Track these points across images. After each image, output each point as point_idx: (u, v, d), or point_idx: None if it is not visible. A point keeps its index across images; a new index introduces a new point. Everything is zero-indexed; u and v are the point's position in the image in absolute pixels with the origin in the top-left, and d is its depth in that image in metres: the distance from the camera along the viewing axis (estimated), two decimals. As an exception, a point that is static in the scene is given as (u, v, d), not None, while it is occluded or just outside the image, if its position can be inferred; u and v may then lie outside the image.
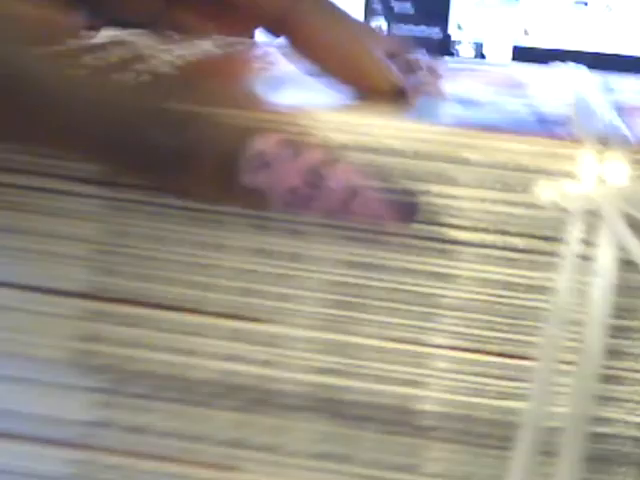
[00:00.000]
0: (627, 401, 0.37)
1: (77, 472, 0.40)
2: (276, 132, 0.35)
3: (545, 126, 0.39)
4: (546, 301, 0.37)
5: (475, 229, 0.37)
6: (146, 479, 0.39)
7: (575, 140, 0.36)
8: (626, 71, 0.54)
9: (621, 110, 0.41)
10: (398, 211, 0.35)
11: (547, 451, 0.37)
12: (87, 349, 0.39)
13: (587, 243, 0.36)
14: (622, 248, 0.35)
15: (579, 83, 0.47)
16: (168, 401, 0.39)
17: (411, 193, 0.35)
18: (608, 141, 0.36)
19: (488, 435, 0.38)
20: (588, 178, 0.35)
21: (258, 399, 0.39)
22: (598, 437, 0.37)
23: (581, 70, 0.52)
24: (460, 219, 0.37)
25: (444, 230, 0.37)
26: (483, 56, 1.06)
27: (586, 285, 0.36)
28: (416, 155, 0.36)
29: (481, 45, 1.00)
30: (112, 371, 0.39)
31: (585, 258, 0.36)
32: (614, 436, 0.37)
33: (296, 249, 0.38)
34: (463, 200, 0.37)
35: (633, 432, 0.37)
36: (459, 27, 0.99)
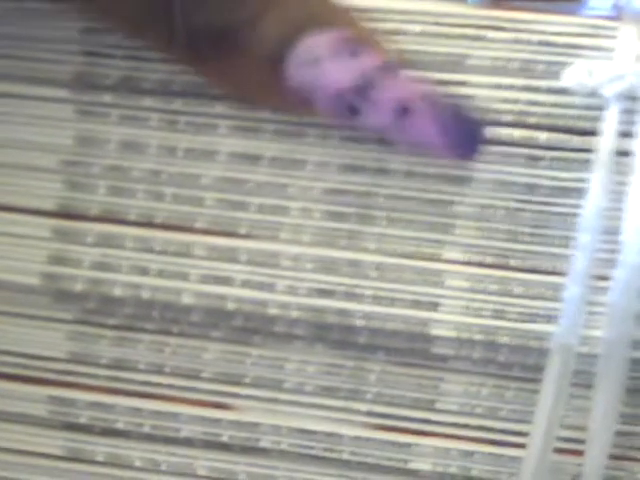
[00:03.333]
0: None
1: (55, 410, 0.35)
2: (335, 29, 0.30)
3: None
4: (577, 206, 0.31)
5: (493, 122, 0.32)
6: (129, 419, 0.35)
7: (613, 16, 0.31)
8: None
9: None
10: (452, 138, 0.30)
11: (581, 383, 0.32)
12: (61, 274, 0.34)
13: (625, 135, 0.31)
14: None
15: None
16: (151, 332, 0.35)
17: (473, 120, 0.30)
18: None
19: (512, 364, 0.33)
20: (626, 57, 0.30)
21: (252, 328, 0.34)
22: (637, 364, 0.32)
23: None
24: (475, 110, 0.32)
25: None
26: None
27: (624, 186, 0.31)
28: (434, 36, 0.32)
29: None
30: (89, 299, 0.35)
31: (623, 153, 0.31)
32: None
33: (290, 154, 0.33)
34: (479, 88, 0.32)
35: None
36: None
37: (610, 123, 0.30)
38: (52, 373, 0.36)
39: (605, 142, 0.31)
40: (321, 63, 0.30)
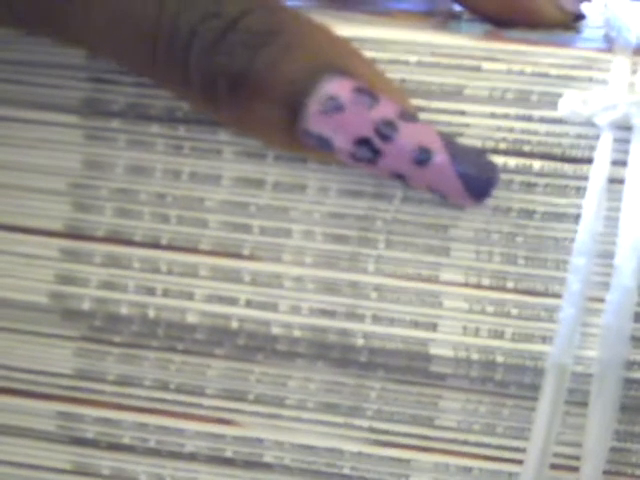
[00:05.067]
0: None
1: (63, 425, 0.36)
2: (354, 77, 0.31)
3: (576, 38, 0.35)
4: (571, 231, 0.32)
5: (491, 150, 0.32)
6: (135, 434, 0.36)
7: (605, 49, 0.32)
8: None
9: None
10: (471, 186, 0.31)
11: (576, 401, 0.33)
12: (68, 293, 0.35)
13: (618, 163, 0.32)
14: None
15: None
16: (157, 350, 0.36)
17: (490, 167, 0.31)
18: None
19: (509, 383, 0.34)
20: (619, 87, 0.31)
21: (256, 346, 0.35)
22: (634, 383, 0.33)
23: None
24: (473, 138, 0.33)
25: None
26: None
27: (617, 212, 0.32)
28: (430, 66, 0.32)
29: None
30: (95, 317, 0.35)
31: (616, 180, 0.32)
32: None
33: (294, 179, 0.34)
34: (476, 117, 0.33)
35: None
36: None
37: (603, 151, 0.31)
38: (59, 389, 0.37)
39: (598, 169, 0.31)
40: (342, 110, 0.30)
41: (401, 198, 0.34)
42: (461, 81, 0.33)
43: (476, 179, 0.30)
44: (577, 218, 0.32)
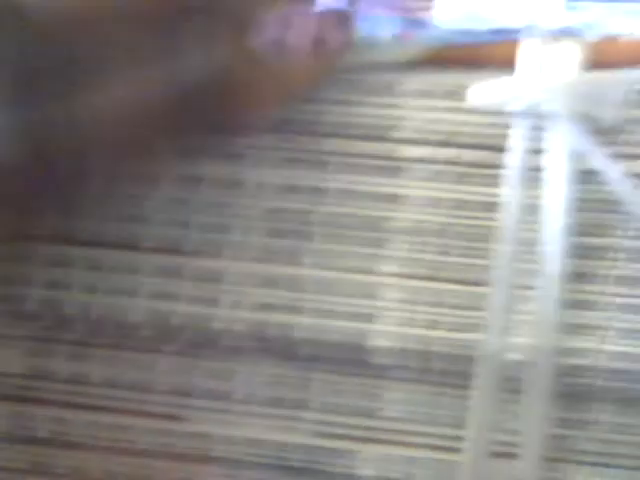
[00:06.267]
0: (598, 328, 0.33)
1: (16, 425, 0.37)
2: None
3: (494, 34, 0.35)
4: (497, 219, 0.33)
5: (423, 142, 0.33)
6: (86, 431, 0.36)
7: (517, 38, 0.32)
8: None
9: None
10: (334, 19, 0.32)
11: (513, 388, 0.33)
12: (17, 293, 0.36)
13: (536, 151, 0.32)
14: (579, 154, 0.31)
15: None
16: (104, 347, 0.36)
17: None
18: (556, 34, 0.32)
19: (446, 372, 0.34)
20: (530, 74, 0.31)
21: (200, 342, 0.35)
22: (567, 370, 0.33)
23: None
24: (406, 131, 0.33)
25: (390, 146, 0.33)
26: None
27: (540, 199, 0.32)
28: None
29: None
30: (43, 317, 0.36)
31: (536, 168, 0.32)
32: (585, 368, 0.33)
33: (231, 175, 0.35)
34: (408, 110, 0.33)
35: (606, 362, 0.33)
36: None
37: (517, 140, 0.31)
38: (11, 389, 0.37)
39: (514, 158, 0.32)
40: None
41: (339, 192, 0.34)
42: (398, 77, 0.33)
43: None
44: (501, 207, 0.33)
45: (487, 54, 0.32)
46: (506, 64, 0.31)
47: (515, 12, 0.37)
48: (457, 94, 0.32)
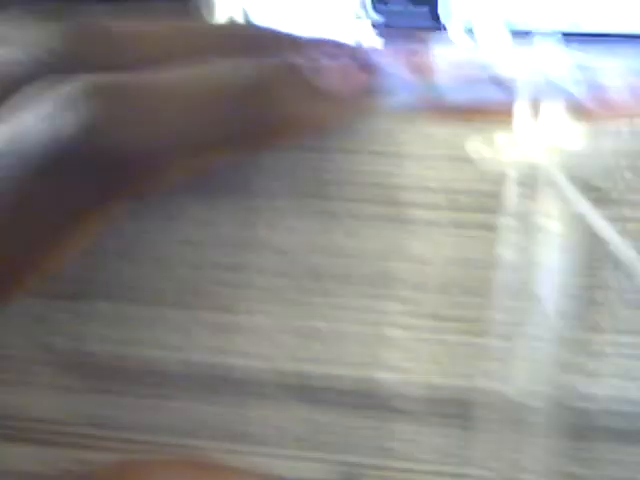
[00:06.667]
0: (605, 375, 0.34)
1: (47, 469, 0.39)
2: None
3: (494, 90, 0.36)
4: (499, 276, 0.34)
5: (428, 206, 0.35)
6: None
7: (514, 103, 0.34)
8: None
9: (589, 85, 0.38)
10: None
11: (519, 430, 0.35)
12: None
13: (532, 212, 0.34)
14: (573, 213, 0.33)
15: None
16: (123, 394, 0.38)
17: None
18: (551, 100, 0.33)
19: (457, 415, 0.36)
20: (526, 139, 0.33)
21: (218, 387, 0.37)
22: (572, 411, 0.35)
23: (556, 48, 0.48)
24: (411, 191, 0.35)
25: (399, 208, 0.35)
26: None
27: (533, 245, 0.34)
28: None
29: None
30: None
31: (533, 228, 0.34)
32: (588, 411, 0.35)
33: (248, 236, 0.37)
34: (412, 168, 0.35)
35: (607, 405, 0.35)
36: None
37: (514, 200, 0.33)
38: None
39: (511, 218, 0.33)
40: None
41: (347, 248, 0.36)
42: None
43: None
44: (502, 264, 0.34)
45: (486, 111, 0.34)
46: (504, 120, 0.33)
47: (515, 64, 0.38)
48: (457, 147, 0.34)
